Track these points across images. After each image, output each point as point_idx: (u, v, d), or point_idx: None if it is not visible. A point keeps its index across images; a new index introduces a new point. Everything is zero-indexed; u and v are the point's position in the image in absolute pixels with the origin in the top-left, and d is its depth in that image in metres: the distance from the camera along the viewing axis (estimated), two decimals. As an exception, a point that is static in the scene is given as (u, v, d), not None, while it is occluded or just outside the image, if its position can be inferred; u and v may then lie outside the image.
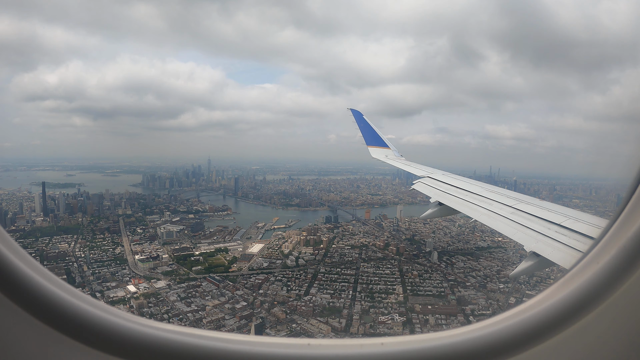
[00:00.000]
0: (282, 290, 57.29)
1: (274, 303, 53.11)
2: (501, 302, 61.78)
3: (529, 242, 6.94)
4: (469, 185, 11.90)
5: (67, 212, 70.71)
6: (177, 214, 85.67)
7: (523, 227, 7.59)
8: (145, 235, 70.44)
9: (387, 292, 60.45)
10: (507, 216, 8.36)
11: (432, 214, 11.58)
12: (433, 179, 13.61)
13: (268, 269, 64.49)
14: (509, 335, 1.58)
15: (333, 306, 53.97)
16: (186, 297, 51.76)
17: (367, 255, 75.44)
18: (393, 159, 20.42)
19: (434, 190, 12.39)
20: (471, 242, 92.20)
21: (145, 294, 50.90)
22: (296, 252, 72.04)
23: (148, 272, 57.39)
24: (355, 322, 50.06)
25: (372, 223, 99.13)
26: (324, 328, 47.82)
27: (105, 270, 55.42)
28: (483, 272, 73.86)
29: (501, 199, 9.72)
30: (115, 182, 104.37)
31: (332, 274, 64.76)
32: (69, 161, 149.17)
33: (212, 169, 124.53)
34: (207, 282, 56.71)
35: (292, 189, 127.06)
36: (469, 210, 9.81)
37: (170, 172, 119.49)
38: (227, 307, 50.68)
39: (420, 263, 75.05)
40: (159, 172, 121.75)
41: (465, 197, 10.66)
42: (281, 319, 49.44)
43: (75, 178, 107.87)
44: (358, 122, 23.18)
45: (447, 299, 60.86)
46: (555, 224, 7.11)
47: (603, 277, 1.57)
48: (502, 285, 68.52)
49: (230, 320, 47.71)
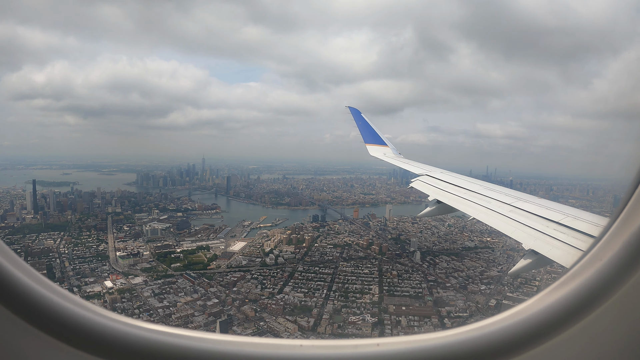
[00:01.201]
0: (257, 288, 58.28)
1: (245, 301, 54.13)
2: (480, 304, 61.26)
3: (528, 239, 6.96)
4: (468, 183, 11.87)
5: (57, 210, 73.45)
6: (166, 212, 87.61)
7: (522, 225, 7.61)
8: (130, 232, 72.41)
9: (363, 292, 60.68)
10: (506, 214, 8.40)
11: (431, 212, 11.46)
12: (431, 177, 13.54)
13: (246, 267, 65.54)
14: (508, 336, 1.56)
15: (304, 305, 54.56)
16: (160, 293, 53.19)
17: (348, 254, 75.80)
18: (391, 157, 20.28)
19: (432, 188, 12.34)
20: (459, 242, 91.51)
21: (120, 290, 52.55)
22: (277, 251, 72.98)
23: (127, 269, 59.16)
24: (324, 322, 50.51)
25: (359, 222, 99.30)
26: (290, 327, 48.54)
27: (86, 266, 57.42)
28: (466, 273, 73.32)
29: (500, 197, 9.73)
30: (110, 181, 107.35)
31: (309, 273, 65.41)
32: (67, 160, 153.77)
33: (206, 168, 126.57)
34: (184, 279, 58.14)
35: (285, 188, 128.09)
36: (468, 208, 9.77)
37: (167, 171, 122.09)
38: (199, 303, 51.88)
39: (402, 263, 74.98)
40: (156, 171, 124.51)
41: (464, 195, 10.62)
42: (250, 317, 50.36)
43: (71, 177, 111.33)
44: (356, 120, 23.12)
45: (424, 300, 60.74)
46: (553, 221, 7.15)
47: (605, 275, 1.55)
48: (484, 287, 67.97)
49: (200, 317, 48.90)
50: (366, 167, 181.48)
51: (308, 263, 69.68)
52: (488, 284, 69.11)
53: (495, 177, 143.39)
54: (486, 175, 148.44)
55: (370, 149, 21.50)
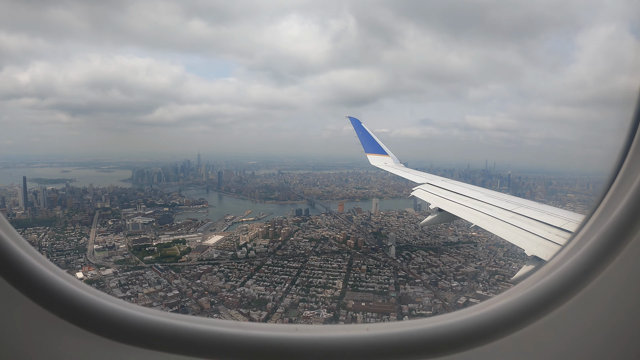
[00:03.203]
0: (220, 281, 59.85)
1: (204, 293, 55.79)
2: (448, 302, 59.63)
3: (530, 246, 7.01)
4: (469, 190, 12.03)
5: (47, 206, 78.45)
6: (153, 207, 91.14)
7: (524, 231, 7.65)
8: (113, 227, 76.09)
9: (326, 286, 60.73)
10: (508, 220, 8.43)
11: (432, 220, 11.63)
12: (432, 185, 13.76)
13: (216, 260, 67.28)
14: (491, 320, 1.64)
15: (262, 299, 55.44)
16: (126, 284, 55.87)
17: (321, 248, 75.90)
18: (392, 166, 20.74)
19: (433, 196, 12.53)
20: (441, 236, 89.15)
21: (89, 280, 55.49)
22: (251, 244, 74.24)
23: (101, 261, 62.44)
24: (276, 316, 51.17)
25: (343, 216, 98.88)
26: (241, 319, 49.63)
27: (62, 258, 61.11)
28: (440, 269, 71.56)
29: (501, 203, 9.82)
30: (107, 178, 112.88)
31: (276, 267, 66.23)
32: (69, 158, 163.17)
33: (202, 164, 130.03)
34: (152, 271, 60.64)
35: (277, 182, 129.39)
36: (469, 216, 9.88)
37: (162, 168, 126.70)
38: (160, 294, 54.11)
39: (375, 257, 74.20)
40: (155, 167, 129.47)
41: (465, 203, 10.76)
42: (205, 309, 51.92)
43: (70, 174, 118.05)
44: (357, 130, 23.59)
45: (387, 297, 59.83)
46: (556, 227, 7.21)
47: (583, 263, 1.62)
48: (456, 284, 66.04)
49: (157, 307, 50.98)
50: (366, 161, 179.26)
51: (279, 257, 70.51)
52: (461, 281, 67.06)
53: (495, 172, 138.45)
54: (485, 170, 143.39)
55: (371, 158, 22.06)
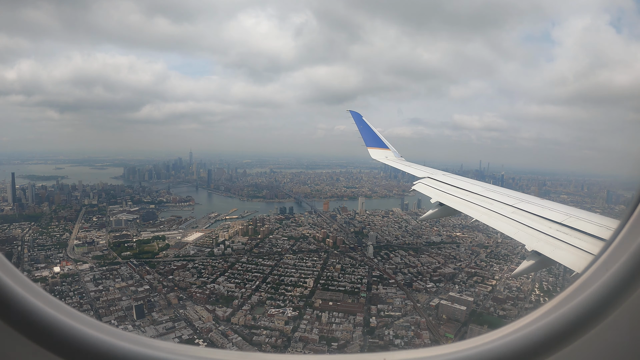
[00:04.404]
0: (193, 277, 61.03)
1: (174, 288, 57.04)
2: (420, 303, 59.56)
3: (530, 241, 7.03)
4: (470, 185, 12.04)
5: (35, 202, 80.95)
6: (140, 204, 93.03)
7: (524, 226, 7.65)
8: (97, 223, 78.06)
9: (297, 285, 61.35)
10: (508, 215, 8.47)
11: (433, 215, 11.61)
12: (433, 179, 13.73)
13: (193, 256, 68.52)
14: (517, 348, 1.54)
15: (230, 296, 56.38)
16: (100, 278, 57.47)
17: (299, 247, 76.57)
18: (393, 160, 20.46)
19: (434, 190, 12.48)
20: (424, 236, 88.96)
21: (65, 275, 57.43)
22: (229, 242, 75.33)
23: (80, 256, 64.28)
24: (241, 313, 52.01)
25: (327, 215, 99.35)
26: (205, 315, 50.70)
27: (42, 253, 63.11)
28: (418, 269, 71.57)
29: (502, 198, 9.84)
30: (100, 175, 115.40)
31: (250, 264, 67.18)
32: (65, 155, 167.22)
33: (193, 162, 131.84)
34: (128, 266, 62.21)
35: (267, 181, 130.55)
36: (470, 210, 9.86)
37: (154, 165, 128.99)
38: (131, 289, 55.56)
39: (352, 257, 74.53)
40: (148, 165, 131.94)
41: (466, 197, 10.70)
42: (173, 304, 53.17)
43: (63, 171, 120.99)
44: (357, 124, 23.34)
45: (357, 297, 59.98)
46: (556, 222, 7.21)
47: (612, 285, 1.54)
48: (431, 285, 65.89)
49: (126, 301, 52.44)
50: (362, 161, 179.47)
51: (255, 254, 71.43)
52: (437, 282, 66.83)
53: (488, 172, 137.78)
54: (479, 170, 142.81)
55: (372, 152, 21.81)
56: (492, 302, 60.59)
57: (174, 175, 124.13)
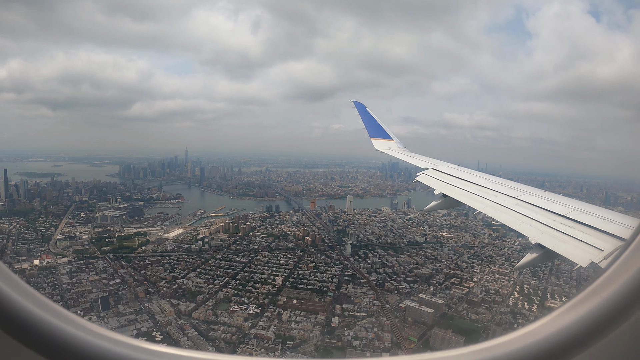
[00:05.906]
0: (165, 272, 62.20)
1: (143, 282, 58.27)
2: (390, 305, 58.54)
3: (534, 233, 7.03)
4: (474, 176, 11.90)
5: (27, 198, 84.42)
6: (129, 201, 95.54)
7: (528, 219, 7.62)
8: (84, 219, 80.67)
9: (265, 282, 61.46)
10: (512, 207, 8.43)
11: (436, 206, 11.62)
12: (437, 170, 13.67)
13: (170, 252, 69.81)
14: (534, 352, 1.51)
15: (197, 291, 57.12)
16: (75, 271, 59.40)
17: (277, 244, 76.72)
18: (397, 150, 20.10)
19: (437, 182, 12.38)
20: (407, 236, 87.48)
21: (42, 267, 59.63)
22: (209, 239, 76.31)
23: (61, 250, 66.59)
24: (203, 308, 52.59)
25: (313, 213, 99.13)
26: (167, 309, 51.61)
27: (26, 247, 65.74)
28: (393, 269, 70.57)
29: (506, 190, 9.74)
30: (97, 172, 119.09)
31: (224, 261, 67.84)
32: (64, 152, 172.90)
33: (188, 160, 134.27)
34: (104, 261, 64.01)
35: (260, 180, 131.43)
36: (473, 202, 9.81)
37: (152, 163, 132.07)
38: (103, 282, 57.16)
39: (328, 255, 74.08)
40: (145, 162, 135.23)
41: (470, 189, 10.59)
42: (140, 297, 54.35)
43: (61, 168, 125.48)
44: (361, 114, 23.05)
45: (324, 296, 59.47)
46: (560, 215, 7.18)
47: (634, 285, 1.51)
48: (404, 285, 64.70)
49: (96, 293, 54.00)
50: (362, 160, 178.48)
51: (231, 251, 72.09)
52: (411, 283, 65.52)
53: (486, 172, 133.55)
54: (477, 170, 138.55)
55: (375, 142, 21.53)
56: (466, 305, 58.90)
57: (168, 173, 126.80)
